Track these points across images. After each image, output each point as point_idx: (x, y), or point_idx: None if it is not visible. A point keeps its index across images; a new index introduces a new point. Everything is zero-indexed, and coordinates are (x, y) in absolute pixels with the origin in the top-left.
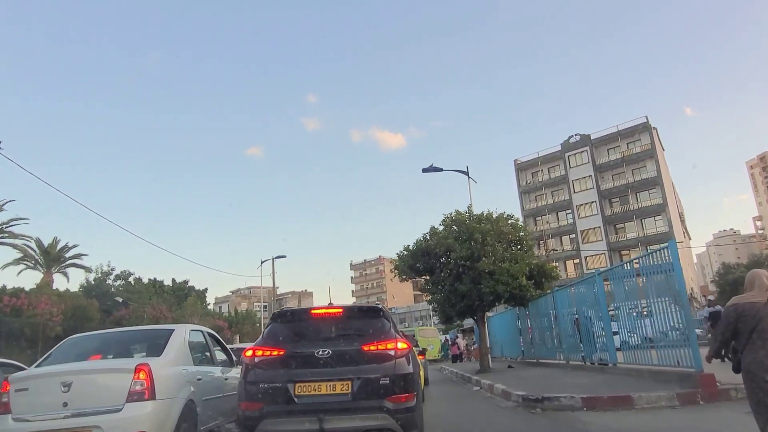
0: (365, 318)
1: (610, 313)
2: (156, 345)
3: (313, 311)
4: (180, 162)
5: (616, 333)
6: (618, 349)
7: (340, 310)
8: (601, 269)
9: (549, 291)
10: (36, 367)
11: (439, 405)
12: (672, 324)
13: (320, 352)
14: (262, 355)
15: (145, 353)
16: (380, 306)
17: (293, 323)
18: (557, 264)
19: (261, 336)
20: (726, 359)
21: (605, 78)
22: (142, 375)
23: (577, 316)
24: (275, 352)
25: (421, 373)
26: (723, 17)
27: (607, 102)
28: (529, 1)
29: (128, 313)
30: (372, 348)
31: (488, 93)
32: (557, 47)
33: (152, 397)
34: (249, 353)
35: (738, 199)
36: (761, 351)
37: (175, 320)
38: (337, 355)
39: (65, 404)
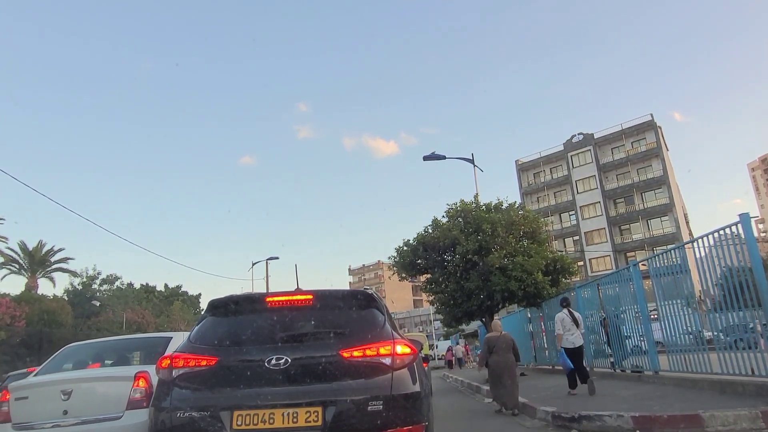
0: (347, 309)
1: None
2: (154, 353)
3: (268, 299)
4: (173, 168)
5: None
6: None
7: (310, 297)
8: (638, 260)
9: (569, 288)
10: (35, 375)
11: (448, 424)
12: (745, 321)
13: (274, 361)
14: (185, 365)
15: (143, 361)
16: (370, 291)
17: (237, 317)
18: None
19: (186, 337)
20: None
21: (609, 76)
22: (141, 383)
23: (604, 316)
24: (204, 362)
25: None
26: (722, 18)
27: (610, 101)
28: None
29: (102, 318)
30: (357, 354)
31: (487, 94)
32: (556, 46)
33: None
34: (165, 363)
35: (732, 203)
36: (496, 357)
37: (159, 326)
38: (302, 365)
39: (65, 412)
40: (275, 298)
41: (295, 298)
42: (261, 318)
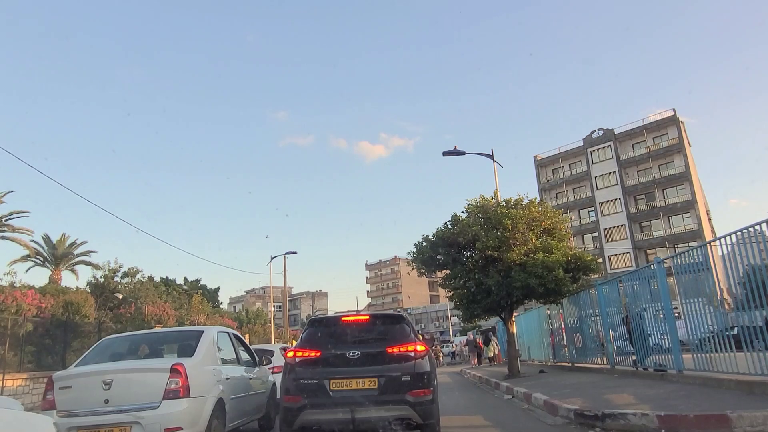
0: (389, 323)
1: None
2: (187, 346)
3: (343, 318)
4: (194, 163)
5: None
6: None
7: (367, 317)
8: (661, 257)
9: (589, 285)
10: (75, 366)
11: (471, 418)
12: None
13: (351, 354)
14: (302, 356)
15: (177, 354)
16: (401, 313)
17: (327, 328)
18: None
19: (300, 339)
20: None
21: (630, 70)
22: (177, 374)
23: (627, 313)
24: (313, 354)
25: None
26: (747, 16)
27: (632, 95)
28: None
29: (124, 311)
30: (395, 350)
31: (505, 87)
32: (575, 41)
33: (187, 395)
34: (291, 354)
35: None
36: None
37: (179, 319)
38: (366, 355)
39: (106, 401)
40: (348, 318)
41: (358, 317)
42: (341, 328)
